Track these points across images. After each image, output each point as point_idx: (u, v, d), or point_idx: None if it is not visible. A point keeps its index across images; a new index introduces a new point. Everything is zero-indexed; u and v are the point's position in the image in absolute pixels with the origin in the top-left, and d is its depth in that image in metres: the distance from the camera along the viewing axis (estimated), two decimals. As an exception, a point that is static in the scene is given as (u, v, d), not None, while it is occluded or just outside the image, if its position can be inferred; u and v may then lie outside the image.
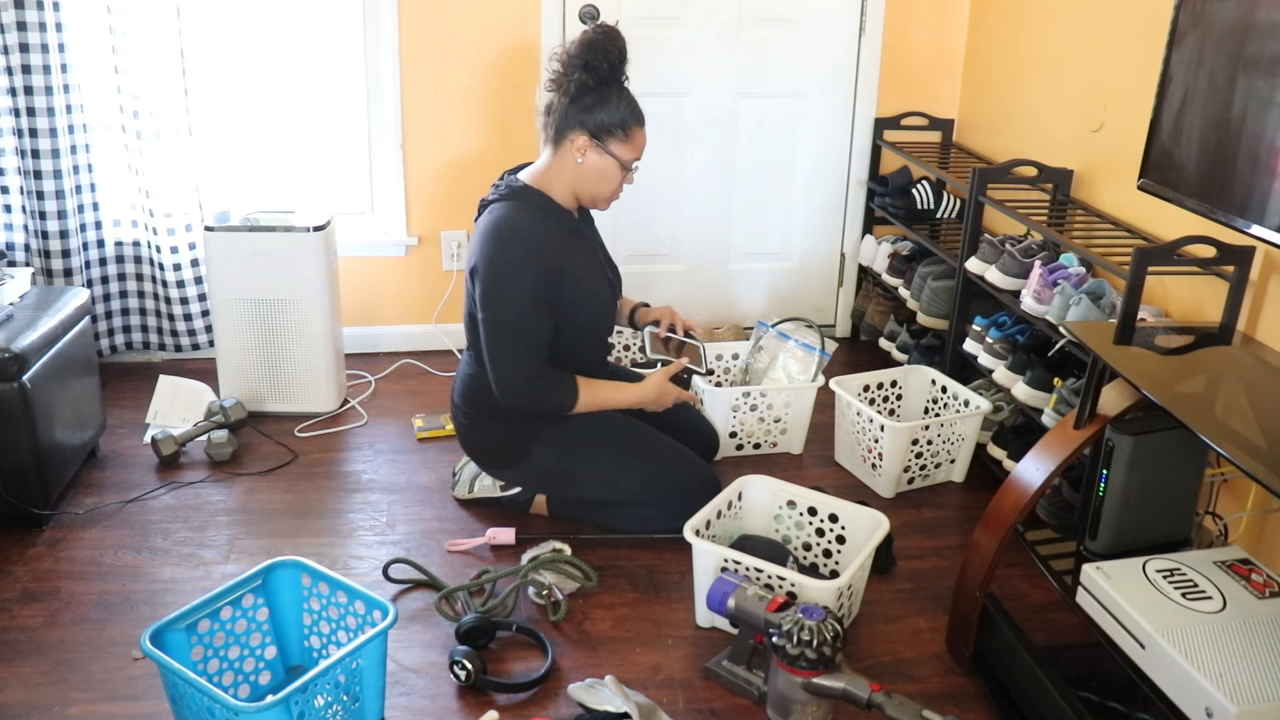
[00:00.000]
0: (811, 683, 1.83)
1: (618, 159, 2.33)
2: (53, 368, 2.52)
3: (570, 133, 2.31)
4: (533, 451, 2.46)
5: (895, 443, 2.68)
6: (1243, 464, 1.50)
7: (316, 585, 1.96)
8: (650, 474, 2.48)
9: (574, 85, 2.28)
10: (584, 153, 2.32)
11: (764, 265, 3.80)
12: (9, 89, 2.98)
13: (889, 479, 2.73)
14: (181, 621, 1.80)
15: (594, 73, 2.27)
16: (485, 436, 2.51)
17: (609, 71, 2.28)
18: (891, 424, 2.65)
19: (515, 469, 2.51)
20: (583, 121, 2.29)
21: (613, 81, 2.30)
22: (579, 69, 2.26)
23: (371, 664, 1.84)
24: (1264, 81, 1.82)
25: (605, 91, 2.29)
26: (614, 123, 2.30)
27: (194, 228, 3.26)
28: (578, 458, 2.47)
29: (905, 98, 3.64)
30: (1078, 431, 1.91)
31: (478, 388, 2.44)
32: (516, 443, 2.47)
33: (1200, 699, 1.52)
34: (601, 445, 2.47)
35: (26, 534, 2.48)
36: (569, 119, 2.30)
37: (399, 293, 3.58)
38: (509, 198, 2.34)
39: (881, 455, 2.71)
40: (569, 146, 2.32)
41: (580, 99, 2.29)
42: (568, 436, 2.45)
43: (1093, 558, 1.89)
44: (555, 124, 2.32)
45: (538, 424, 2.45)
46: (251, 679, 1.95)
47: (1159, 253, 2.14)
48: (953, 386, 2.87)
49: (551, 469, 2.49)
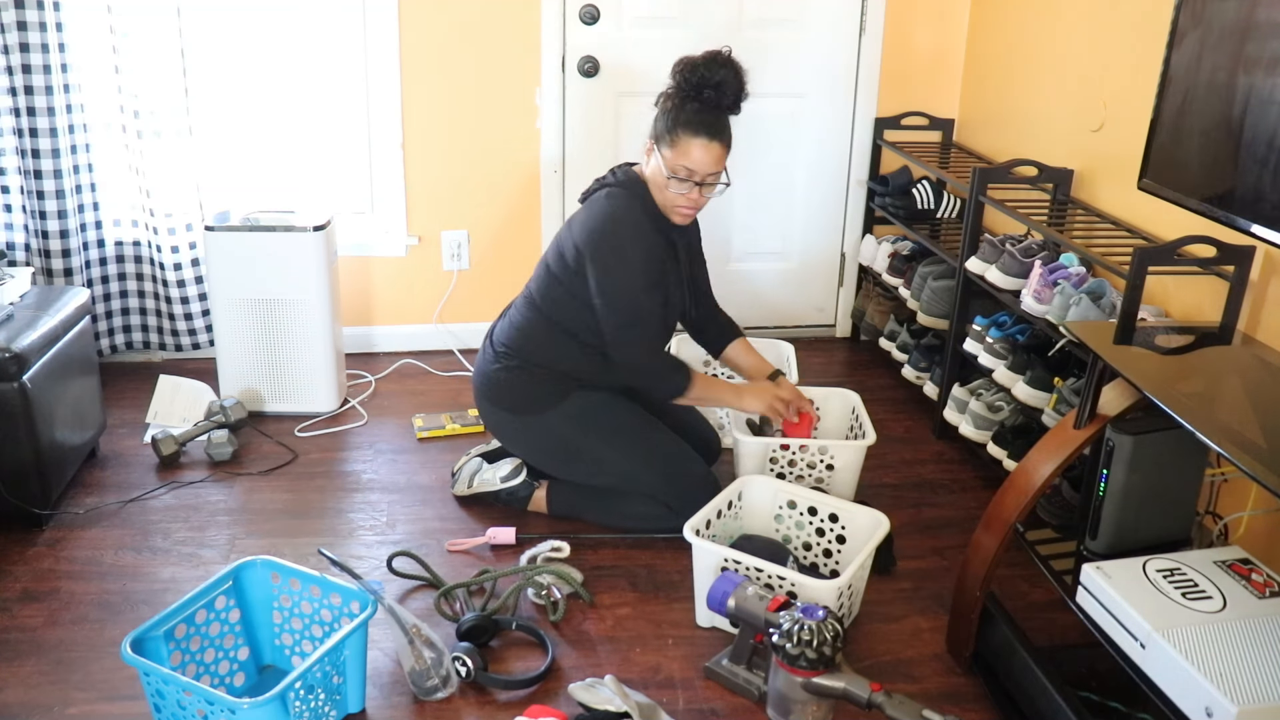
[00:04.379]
0: (811, 682, 1.83)
1: (663, 163, 2.37)
2: (53, 367, 2.52)
3: (650, 136, 2.42)
4: (550, 414, 2.49)
5: (750, 458, 2.55)
6: (1243, 464, 1.50)
7: (287, 582, 1.97)
8: (655, 464, 2.49)
9: (663, 93, 2.39)
10: (649, 155, 2.42)
11: (764, 265, 3.80)
12: (9, 89, 2.98)
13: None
14: (160, 628, 1.80)
15: (682, 89, 2.35)
16: (518, 376, 2.52)
17: (690, 86, 2.34)
18: (746, 438, 2.53)
19: (528, 420, 2.52)
20: (654, 125, 2.40)
21: (695, 97, 2.35)
22: (672, 75, 2.37)
23: (354, 653, 1.86)
24: (1264, 81, 1.82)
25: (679, 100, 2.36)
26: (664, 127, 2.37)
27: (194, 227, 3.26)
28: (588, 435, 2.50)
29: (905, 98, 3.64)
30: (1078, 431, 1.91)
31: (530, 335, 2.51)
32: (544, 395, 2.50)
33: (1200, 699, 1.52)
34: (612, 427, 2.50)
35: (26, 534, 2.48)
36: (653, 124, 2.41)
37: (399, 293, 3.58)
38: (624, 185, 2.44)
39: (737, 469, 2.59)
40: (647, 148, 2.43)
41: (661, 104, 2.40)
42: (584, 410, 2.50)
43: (1093, 557, 1.89)
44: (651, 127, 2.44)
45: (566, 386, 2.49)
46: (227, 681, 1.96)
47: (1159, 253, 2.14)
48: (863, 415, 2.68)
49: (560, 441, 2.51)
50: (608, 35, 3.43)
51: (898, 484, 2.84)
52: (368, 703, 1.96)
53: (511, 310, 2.62)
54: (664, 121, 2.37)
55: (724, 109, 2.37)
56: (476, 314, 3.60)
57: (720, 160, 2.38)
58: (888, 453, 2.98)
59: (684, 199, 2.40)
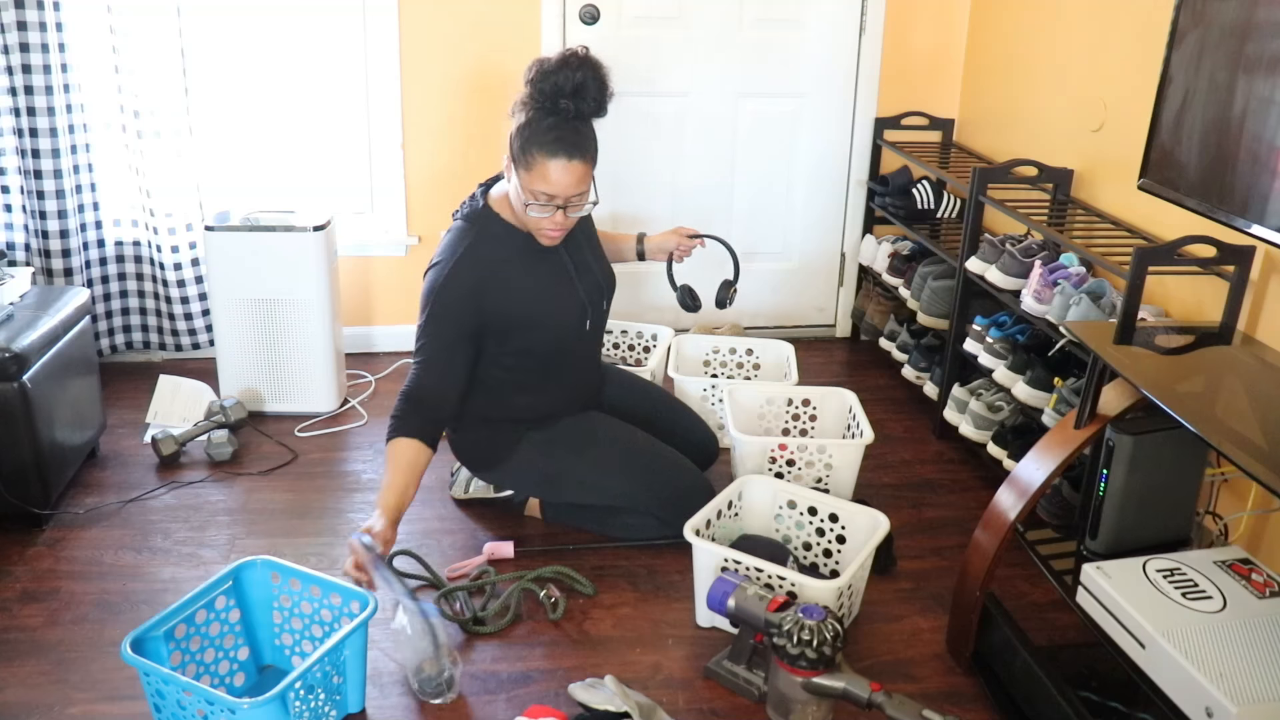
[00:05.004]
0: (811, 682, 1.83)
1: (520, 188, 2.20)
2: (53, 367, 2.52)
3: (506, 154, 2.25)
4: (516, 454, 2.46)
5: (749, 457, 2.56)
6: (1243, 464, 1.50)
7: (287, 582, 1.97)
8: (635, 479, 2.45)
9: (517, 101, 2.21)
10: (509, 171, 2.25)
11: (764, 265, 3.79)
12: (9, 89, 2.98)
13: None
14: (160, 628, 1.80)
15: (536, 98, 2.18)
16: (468, 438, 2.51)
17: (544, 97, 2.17)
18: (745, 438, 2.54)
19: (501, 471, 2.51)
20: (509, 140, 2.21)
21: (550, 110, 2.17)
22: (525, 83, 2.19)
23: (354, 653, 1.86)
24: (1264, 81, 1.82)
25: (534, 115, 2.18)
26: (520, 147, 2.17)
27: (194, 227, 3.26)
28: (562, 461, 2.46)
29: (905, 98, 3.64)
30: (1078, 431, 1.91)
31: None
32: (499, 445, 2.47)
33: (1200, 699, 1.52)
34: (585, 448, 2.46)
35: (26, 534, 2.48)
36: (509, 138, 2.22)
37: (399, 292, 3.58)
38: (466, 218, 2.34)
39: (735, 469, 2.61)
40: (506, 164, 2.26)
41: (514, 116, 2.21)
42: (552, 439, 2.46)
43: (1093, 557, 1.89)
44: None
45: (521, 428, 2.45)
46: (227, 681, 1.96)
47: (1159, 253, 2.14)
48: (860, 415, 2.67)
49: (537, 471, 2.49)
50: (608, 35, 3.43)
51: (898, 484, 2.84)
52: (368, 703, 1.96)
53: None
54: (518, 141, 2.15)
55: (585, 117, 2.19)
56: (476, 314, 3.60)
57: (584, 179, 2.18)
58: (887, 453, 2.98)
59: (548, 222, 2.22)
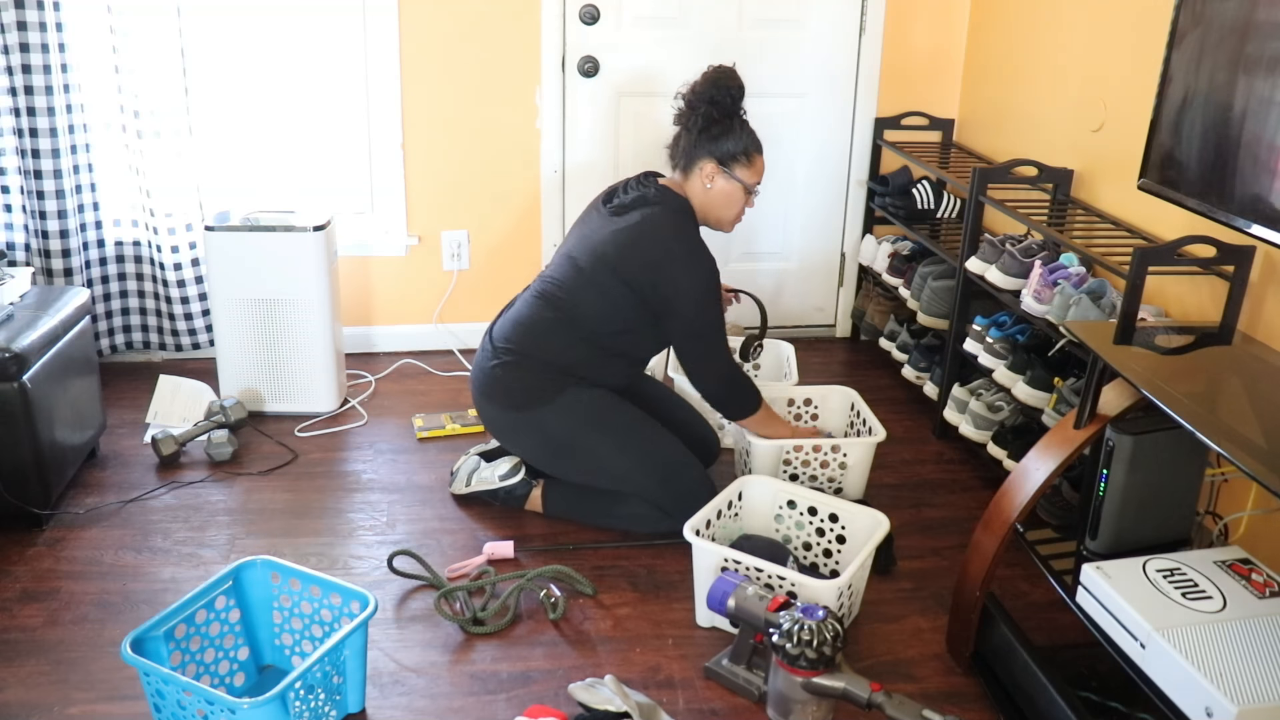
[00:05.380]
0: (811, 682, 1.83)
1: (742, 183, 2.51)
2: (53, 368, 2.52)
3: (700, 161, 2.50)
4: (546, 410, 2.49)
5: (763, 460, 2.57)
6: (1243, 464, 1.50)
7: (287, 582, 1.97)
8: (649, 466, 2.48)
9: (701, 118, 2.48)
10: (712, 179, 2.51)
11: (764, 265, 3.80)
12: (9, 89, 2.98)
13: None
14: (160, 628, 1.80)
15: (718, 106, 2.48)
16: (521, 376, 2.52)
17: (731, 105, 2.49)
18: (760, 441, 2.55)
19: (526, 416, 2.52)
20: (711, 150, 2.49)
21: (734, 114, 2.50)
22: (705, 103, 2.47)
23: (354, 653, 1.86)
24: (1264, 81, 1.82)
25: (729, 123, 2.48)
26: (738, 150, 2.49)
27: (194, 227, 3.26)
28: (583, 431, 2.50)
29: (905, 98, 3.64)
30: (1078, 431, 1.91)
31: (535, 329, 2.52)
32: (538, 390, 2.51)
33: (1200, 699, 1.52)
34: (608, 424, 2.50)
35: (26, 534, 2.48)
36: (699, 149, 2.50)
37: (399, 293, 3.58)
38: (671, 204, 2.50)
39: (750, 470, 2.61)
40: (698, 174, 2.51)
41: (708, 130, 2.49)
42: (580, 406, 2.50)
43: (1093, 557, 1.89)
44: (685, 154, 2.53)
45: (563, 381, 2.50)
46: (227, 681, 1.96)
47: (1159, 253, 2.14)
48: (865, 411, 2.73)
49: (555, 437, 2.51)
50: (608, 35, 3.43)
51: (898, 484, 2.84)
52: (368, 702, 1.96)
53: (517, 304, 2.62)
54: (734, 143, 2.49)
55: (739, 105, 2.53)
56: (476, 314, 3.60)
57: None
58: (888, 453, 2.98)
59: (743, 211, 2.58)
